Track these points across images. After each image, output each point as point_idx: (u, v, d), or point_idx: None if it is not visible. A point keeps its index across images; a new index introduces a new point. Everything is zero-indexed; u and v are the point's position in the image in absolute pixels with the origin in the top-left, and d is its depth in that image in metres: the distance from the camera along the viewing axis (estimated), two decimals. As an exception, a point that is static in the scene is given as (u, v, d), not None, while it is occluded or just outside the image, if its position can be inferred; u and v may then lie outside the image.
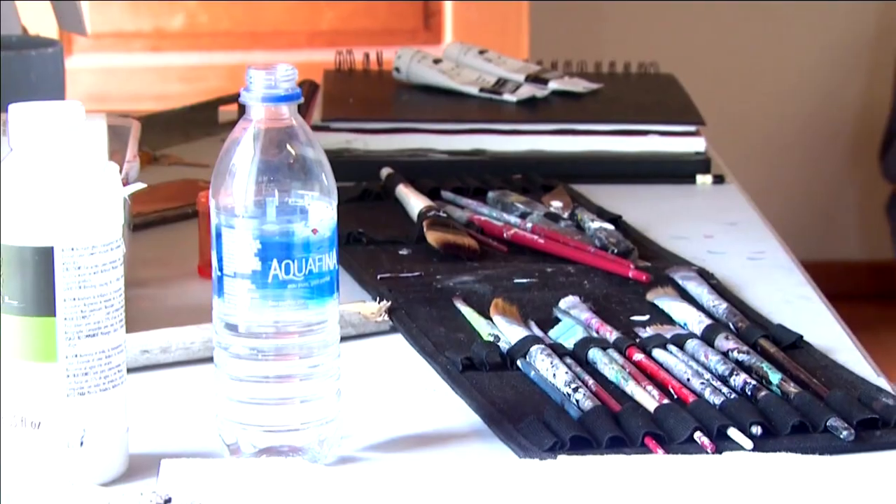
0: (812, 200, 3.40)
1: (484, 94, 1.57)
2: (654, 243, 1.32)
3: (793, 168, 3.39)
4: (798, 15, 3.32)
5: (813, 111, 3.36)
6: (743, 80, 3.34)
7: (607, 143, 1.51)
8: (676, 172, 1.50)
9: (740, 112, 3.35)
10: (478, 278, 1.20)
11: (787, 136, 3.37)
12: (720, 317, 1.12)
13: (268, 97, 0.89)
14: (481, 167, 1.48)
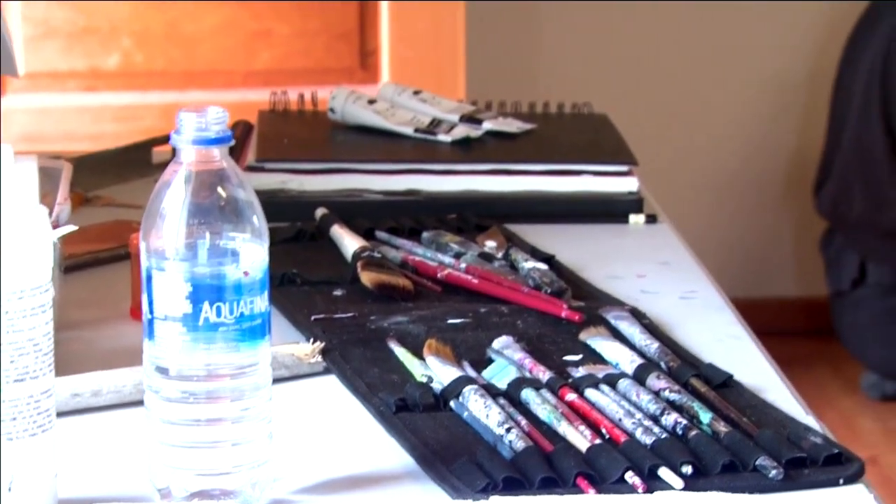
0: (747, 238, 3.42)
1: (418, 134, 1.57)
2: (587, 283, 1.32)
3: (729, 206, 3.42)
4: (733, 54, 3.35)
5: (748, 149, 3.40)
6: (678, 119, 3.37)
7: (541, 183, 1.52)
8: (610, 212, 1.51)
9: (675, 151, 3.37)
10: (412, 319, 1.21)
11: (723, 173, 3.40)
12: (652, 356, 1.12)
13: (198, 140, 0.89)
14: (416, 207, 1.48)
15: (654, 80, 3.35)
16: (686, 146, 3.38)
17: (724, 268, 3.41)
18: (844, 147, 2.95)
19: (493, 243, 1.38)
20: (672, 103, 3.36)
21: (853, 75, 2.94)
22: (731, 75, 3.37)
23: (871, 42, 2.90)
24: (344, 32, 2.68)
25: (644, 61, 3.34)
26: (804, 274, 3.39)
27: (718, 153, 3.39)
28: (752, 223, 3.42)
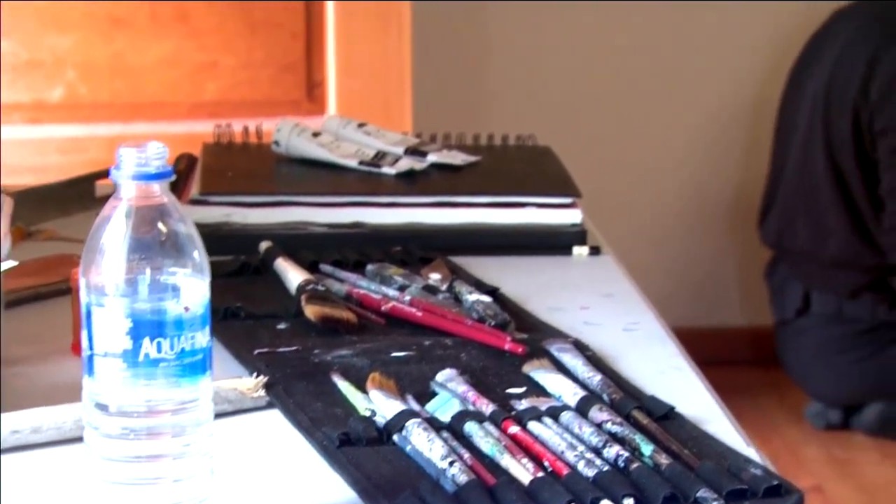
0: (693, 268, 3.44)
1: (363, 167, 1.58)
2: (531, 315, 1.33)
3: (674, 236, 3.44)
4: (678, 85, 3.38)
5: (693, 180, 3.42)
6: (623, 150, 3.39)
7: (485, 216, 1.52)
8: (553, 244, 1.52)
9: (620, 182, 3.39)
10: (356, 352, 1.21)
11: (668, 204, 3.43)
12: (595, 388, 1.13)
13: (138, 175, 0.89)
14: (360, 240, 1.49)
15: (598, 111, 3.37)
16: (631, 177, 3.40)
17: (670, 298, 3.43)
18: (788, 177, 2.97)
19: (437, 276, 1.38)
20: (617, 135, 3.38)
21: (796, 106, 2.97)
22: (676, 106, 3.40)
23: (813, 73, 2.93)
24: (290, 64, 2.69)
25: (588, 93, 3.36)
26: (749, 303, 3.41)
27: (664, 184, 3.41)
28: (697, 253, 3.44)
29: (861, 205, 2.84)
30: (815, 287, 2.95)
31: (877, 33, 2.84)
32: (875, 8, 2.91)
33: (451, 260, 1.45)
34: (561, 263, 1.50)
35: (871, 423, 2.89)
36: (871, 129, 2.80)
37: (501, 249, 1.51)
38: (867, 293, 2.89)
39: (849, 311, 2.91)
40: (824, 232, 2.90)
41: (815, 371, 2.96)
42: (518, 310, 1.34)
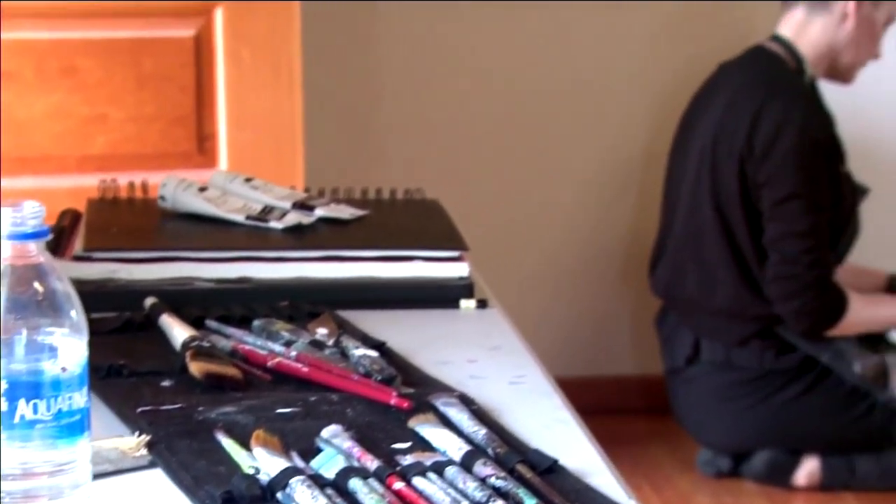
0: (586, 318, 3.47)
1: (250, 221, 1.57)
2: (418, 369, 1.33)
3: (566, 287, 3.46)
4: (567, 138, 3.42)
5: (585, 230, 3.45)
6: (514, 203, 3.41)
7: (373, 269, 1.53)
8: (441, 297, 1.53)
9: (512, 234, 3.41)
10: (241, 409, 1.20)
11: (560, 255, 3.45)
12: (479, 443, 1.13)
13: (14, 235, 0.88)
14: (247, 295, 1.48)
15: (488, 165, 3.39)
16: (522, 229, 3.43)
17: (563, 347, 3.45)
18: (677, 228, 3.00)
19: (324, 330, 1.38)
20: (506, 187, 3.41)
21: (684, 158, 3.01)
22: (566, 159, 3.43)
23: (700, 126, 2.97)
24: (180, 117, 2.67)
25: (479, 146, 3.38)
26: (641, 352, 3.44)
27: (555, 236, 3.44)
28: (589, 303, 3.47)
29: (748, 255, 2.88)
30: (705, 335, 2.98)
31: (760, 88, 2.89)
32: (759, 63, 2.97)
33: (339, 314, 1.45)
34: (448, 317, 1.50)
35: (760, 471, 2.93)
36: (756, 180, 2.85)
37: (389, 303, 1.51)
38: (755, 341, 2.92)
39: (737, 359, 2.94)
40: (712, 281, 2.93)
41: (705, 419, 2.99)
42: (405, 364, 1.34)
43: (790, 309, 2.83)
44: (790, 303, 2.83)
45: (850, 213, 2.93)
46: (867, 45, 2.95)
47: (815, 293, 2.81)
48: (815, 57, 2.94)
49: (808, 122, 2.83)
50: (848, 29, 2.91)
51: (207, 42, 2.61)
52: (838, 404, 2.89)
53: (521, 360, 1.39)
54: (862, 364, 2.88)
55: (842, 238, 2.92)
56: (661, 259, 3.06)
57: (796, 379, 2.90)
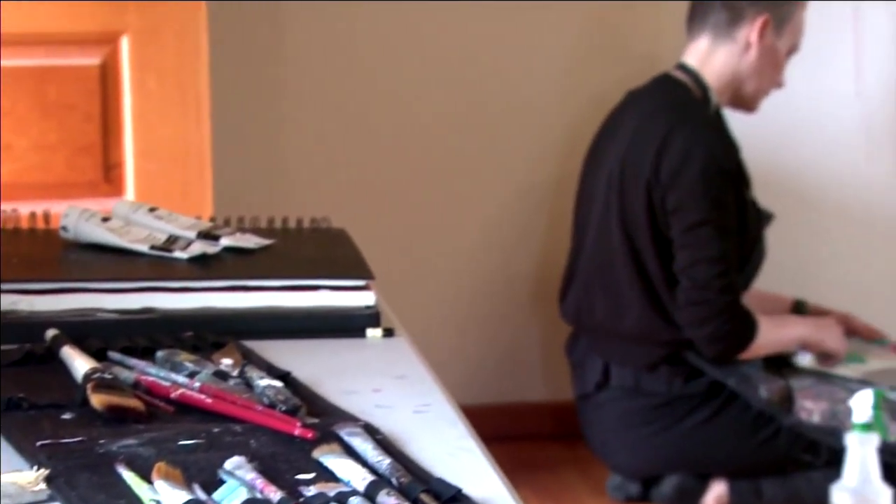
0: (497, 345, 3.48)
1: (154, 251, 1.56)
2: (323, 399, 1.33)
3: (477, 314, 3.47)
4: (476, 167, 3.43)
5: (495, 257, 3.46)
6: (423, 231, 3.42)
7: (278, 299, 1.52)
8: (347, 327, 1.52)
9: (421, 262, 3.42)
10: (142, 441, 1.19)
11: (470, 283, 3.46)
12: (383, 472, 1.13)
13: None
14: (151, 326, 1.47)
15: (395, 192, 3.40)
16: (432, 257, 3.43)
17: (474, 375, 3.46)
18: (586, 254, 3.02)
19: (228, 361, 1.37)
20: (415, 215, 3.41)
21: (593, 185, 3.03)
22: (474, 187, 3.44)
23: (608, 153, 3.00)
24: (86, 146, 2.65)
25: (386, 174, 3.39)
26: (551, 378, 3.46)
27: (465, 262, 3.45)
28: (499, 330, 3.48)
29: (656, 280, 2.90)
30: (614, 361, 3.00)
31: (666, 116, 2.92)
32: (665, 92, 3.00)
33: (244, 344, 1.44)
34: (354, 346, 1.50)
35: (669, 495, 2.95)
36: (664, 207, 2.87)
37: (295, 333, 1.50)
38: (663, 367, 2.95)
39: (646, 385, 2.96)
40: (621, 307, 2.95)
41: (614, 444, 3.01)
42: (310, 394, 1.33)
43: (702, 334, 2.86)
44: (702, 328, 2.85)
45: (755, 239, 2.97)
46: (770, 73, 2.99)
47: (726, 317, 2.85)
48: (719, 85, 2.98)
49: (714, 150, 2.87)
50: (751, 58, 2.96)
51: (113, 70, 2.60)
52: (745, 428, 2.92)
53: (426, 388, 1.39)
54: (768, 388, 2.92)
55: (748, 263, 2.96)
56: (570, 285, 3.08)
57: (704, 404, 2.93)
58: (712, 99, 2.97)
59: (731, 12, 2.95)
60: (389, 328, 1.53)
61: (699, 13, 2.99)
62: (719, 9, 2.96)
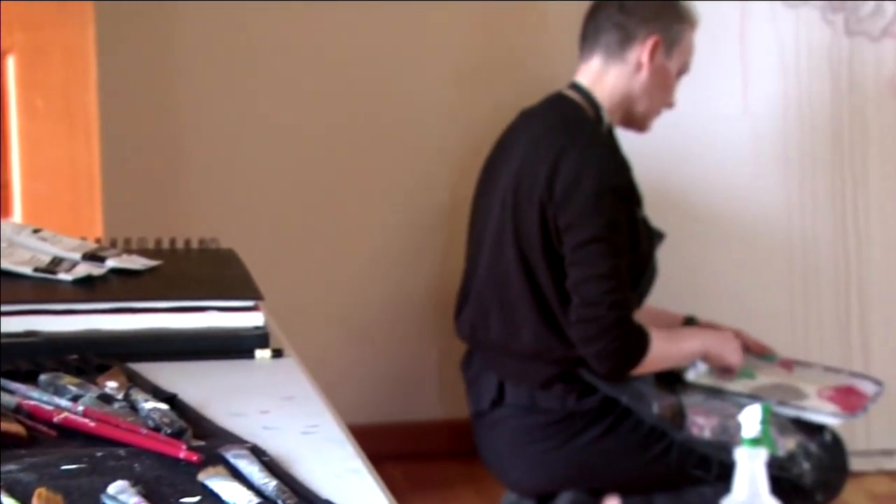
0: (393, 364, 3.48)
1: (38, 274, 1.54)
2: (210, 421, 1.32)
3: (372, 332, 3.47)
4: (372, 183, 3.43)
5: (391, 276, 3.47)
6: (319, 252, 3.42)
7: (166, 321, 1.51)
8: (236, 348, 1.51)
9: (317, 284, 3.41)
10: (23, 466, 1.17)
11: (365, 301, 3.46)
12: (270, 494, 1.13)
13: None
14: (35, 349, 1.45)
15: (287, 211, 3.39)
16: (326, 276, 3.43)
17: (370, 394, 3.46)
18: (481, 272, 3.03)
19: (114, 384, 1.35)
20: (309, 234, 3.41)
21: (487, 203, 3.04)
22: (369, 205, 3.44)
23: (502, 172, 3.01)
24: (-28, 167, 2.61)
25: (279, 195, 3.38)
26: (447, 396, 3.47)
27: (361, 281, 3.45)
28: (395, 349, 3.48)
29: (550, 298, 2.92)
30: (509, 379, 3.01)
31: (560, 135, 2.94)
32: (558, 111, 3.02)
33: (130, 367, 1.43)
34: (243, 367, 1.49)
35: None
36: (557, 226, 2.89)
37: (183, 355, 1.49)
38: (557, 384, 2.96)
39: (540, 402, 2.97)
40: (516, 325, 2.97)
41: (509, 461, 3.02)
42: (196, 416, 1.32)
43: (593, 351, 2.88)
44: (592, 345, 2.87)
45: (647, 258, 2.99)
46: (661, 94, 3.02)
47: (616, 334, 2.86)
48: (611, 105, 3.01)
49: (606, 169, 2.89)
50: (642, 79, 2.99)
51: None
52: (637, 444, 2.94)
53: (314, 409, 1.38)
54: (660, 404, 2.94)
55: (640, 281, 2.98)
56: (465, 303, 3.08)
57: (597, 420, 2.95)
58: (605, 118, 2.99)
59: (623, 33, 2.98)
60: (278, 349, 1.53)
61: (591, 33, 3.02)
62: (611, 29, 2.99)
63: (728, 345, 3.04)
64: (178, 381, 1.39)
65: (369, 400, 3.43)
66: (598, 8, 3.02)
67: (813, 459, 2.92)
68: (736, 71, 3.43)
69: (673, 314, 3.23)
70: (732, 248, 3.48)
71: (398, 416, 3.44)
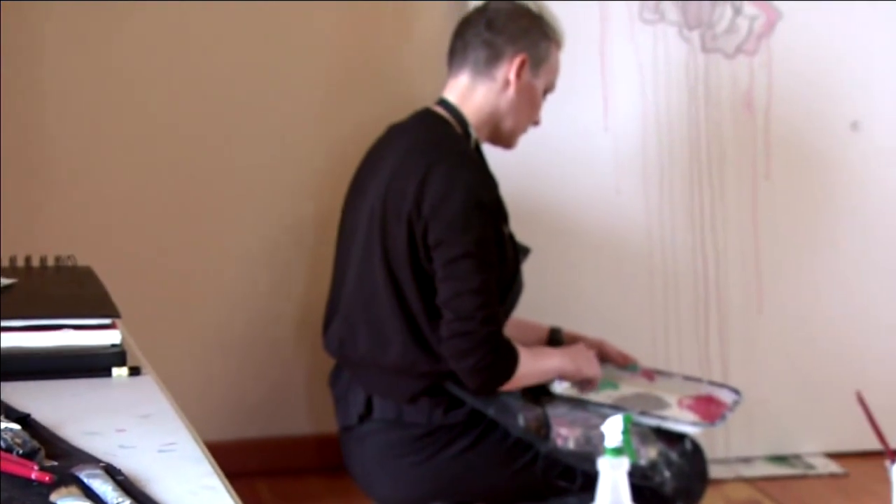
0: (260, 379, 3.47)
1: None
2: (64, 441, 1.31)
3: (240, 348, 3.45)
4: (238, 199, 3.42)
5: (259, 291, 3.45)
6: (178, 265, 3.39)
7: (20, 339, 1.50)
8: (92, 366, 1.51)
9: (179, 299, 3.39)
10: None
11: (231, 318, 3.44)
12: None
13: None
14: None
15: (146, 228, 3.36)
16: (192, 292, 3.40)
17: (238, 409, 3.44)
18: (349, 287, 3.03)
19: (-34, 405, 1.34)
20: (172, 251, 3.38)
21: (355, 219, 3.04)
22: (235, 220, 3.43)
23: (371, 186, 3.01)
24: None
25: (137, 209, 3.35)
26: (316, 411, 3.46)
27: (226, 297, 3.43)
28: (264, 363, 3.47)
29: (417, 314, 2.93)
30: (377, 393, 3.01)
31: (427, 151, 2.95)
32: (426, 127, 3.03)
33: (-16, 387, 1.42)
34: (100, 386, 1.48)
35: (430, 526, 2.98)
36: (426, 242, 2.90)
37: (38, 374, 1.48)
38: (424, 398, 2.97)
39: (408, 417, 2.98)
40: (384, 340, 2.97)
41: (377, 476, 3.02)
42: (51, 436, 1.31)
43: (466, 366, 2.89)
44: (466, 360, 2.88)
45: (513, 272, 3.02)
46: (528, 111, 3.05)
47: (488, 349, 2.88)
48: (478, 121, 3.03)
49: (474, 185, 2.90)
50: (510, 96, 3.01)
51: None
52: (504, 456, 2.97)
53: (172, 427, 1.38)
54: (525, 417, 2.97)
55: (507, 296, 3.00)
56: (333, 318, 3.08)
57: (464, 433, 2.97)
58: (472, 134, 3.01)
59: (491, 51, 3.00)
60: (136, 367, 1.52)
61: (459, 51, 3.04)
62: (479, 47, 3.01)
63: (583, 359, 3.08)
64: (32, 401, 1.38)
65: (237, 416, 3.41)
66: (467, 25, 3.04)
67: (674, 468, 2.97)
68: (597, 87, 3.48)
69: (539, 325, 3.26)
70: (596, 261, 3.53)
71: (266, 432, 3.43)
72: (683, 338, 3.56)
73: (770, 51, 3.51)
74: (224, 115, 3.38)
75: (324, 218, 3.37)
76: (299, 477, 3.36)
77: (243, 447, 3.39)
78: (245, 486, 3.26)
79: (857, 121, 3.59)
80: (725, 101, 3.51)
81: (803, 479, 3.50)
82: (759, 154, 3.55)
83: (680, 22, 3.50)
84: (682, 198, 3.53)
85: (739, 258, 3.57)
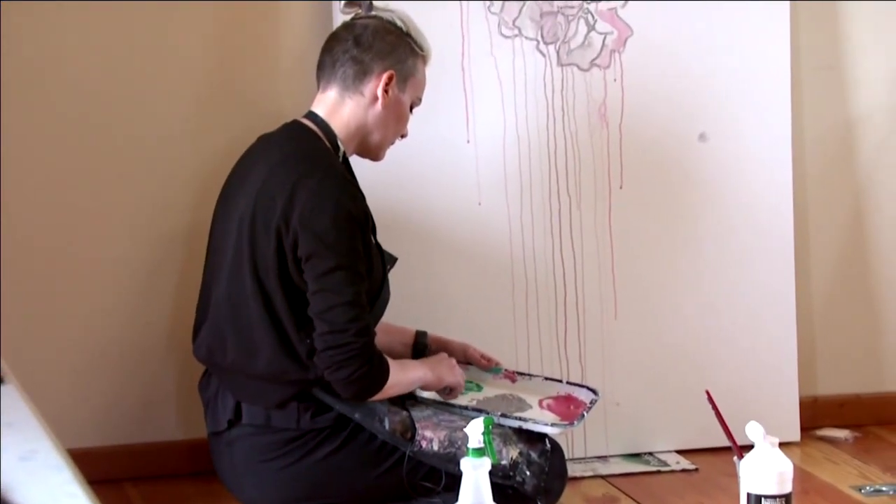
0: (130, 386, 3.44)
1: None
2: (-71, 450, 1.33)
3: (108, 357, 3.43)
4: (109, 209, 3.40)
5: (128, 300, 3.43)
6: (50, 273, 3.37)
7: None
8: (-43, 379, 1.53)
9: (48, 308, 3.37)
10: None
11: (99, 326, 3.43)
12: (-16, 518, 1.17)
13: None
14: None
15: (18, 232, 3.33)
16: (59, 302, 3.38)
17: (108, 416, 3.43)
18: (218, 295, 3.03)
19: None
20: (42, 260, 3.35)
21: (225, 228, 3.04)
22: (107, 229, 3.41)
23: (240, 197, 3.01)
24: None
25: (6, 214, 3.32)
26: (186, 417, 3.47)
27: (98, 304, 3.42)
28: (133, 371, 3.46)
29: (286, 323, 2.93)
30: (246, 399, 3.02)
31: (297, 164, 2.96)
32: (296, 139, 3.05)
33: None
34: (-37, 396, 1.50)
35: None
36: (295, 254, 2.91)
37: None
38: (293, 404, 2.99)
39: (276, 421, 2.99)
40: (252, 347, 2.97)
41: (245, 479, 3.03)
42: (-84, 446, 1.34)
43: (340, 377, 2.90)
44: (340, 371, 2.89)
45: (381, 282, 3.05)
46: (395, 125, 3.08)
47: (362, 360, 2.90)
48: (347, 135, 3.05)
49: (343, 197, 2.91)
50: (377, 111, 3.04)
51: None
52: (370, 459, 3.00)
53: (33, 435, 1.39)
54: (391, 420, 3.01)
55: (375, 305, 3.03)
56: (202, 326, 3.08)
57: (331, 437, 2.98)
58: (341, 147, 3.04)
59: (359, 67, 3.02)
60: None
61: (328, 66, 3.05)
62: (347, 63, 3.02)
63: (444, 369, 3.13)
64: None
65: (106, 422, 3.40)
66: (336, 41, 3.06)
67: (534, 467, 3.02)
68: (460, 101, 3.51)
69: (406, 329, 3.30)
70: (460, 268, 3.56)
71: (136, 438, 3.43)
72: (543, 341, 3.61)
73: (622, 65, 3.59)
74: (99, 125, 3.37)
75: (196, 228, 3.36)
76: (170, 482, 3.37)
77: (115, 453, 3.38)
78: (116, 491, 3.25)
79: (705, 132, 3.69)
80: (581, 113, 3.57)
81: (657, 475, 3.57)
82: (614, 164, 3.61)
83: (536, 35, 3.56)
84: (541, 206, 3.59)
85: (596, 265, 3.63)
